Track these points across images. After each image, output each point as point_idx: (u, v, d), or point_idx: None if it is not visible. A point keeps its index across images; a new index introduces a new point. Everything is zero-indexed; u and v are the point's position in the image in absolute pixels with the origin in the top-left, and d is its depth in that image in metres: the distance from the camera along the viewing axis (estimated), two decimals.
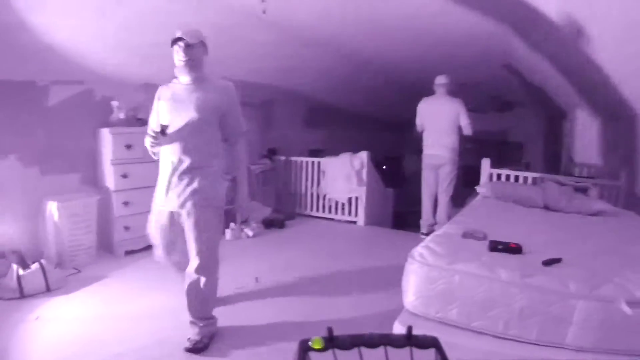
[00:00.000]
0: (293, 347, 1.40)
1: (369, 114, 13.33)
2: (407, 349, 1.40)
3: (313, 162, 9.22)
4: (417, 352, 1.40)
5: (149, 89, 6.72)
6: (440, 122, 7.30)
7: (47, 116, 5.97)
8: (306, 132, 11.21)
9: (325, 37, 7.02)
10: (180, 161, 3.83)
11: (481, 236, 3.63)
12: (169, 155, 3.90)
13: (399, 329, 2.95)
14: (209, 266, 3.89)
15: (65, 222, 5.69)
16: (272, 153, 9.65)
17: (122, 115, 6.34)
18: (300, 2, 5.63)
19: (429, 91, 7.59)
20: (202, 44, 4.04)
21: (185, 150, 3.81)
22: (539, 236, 3.86)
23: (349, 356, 1.42)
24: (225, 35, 6.07)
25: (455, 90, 7.45)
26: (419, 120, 7.61)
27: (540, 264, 3.00)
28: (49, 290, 5.02)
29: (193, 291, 3.89)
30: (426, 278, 3.00)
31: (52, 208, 5.64)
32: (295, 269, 5.91)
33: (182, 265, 4.12)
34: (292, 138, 10.49)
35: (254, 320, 4.44)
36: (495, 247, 3.30)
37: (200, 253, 3.82)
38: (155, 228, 4.22)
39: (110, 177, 6.18)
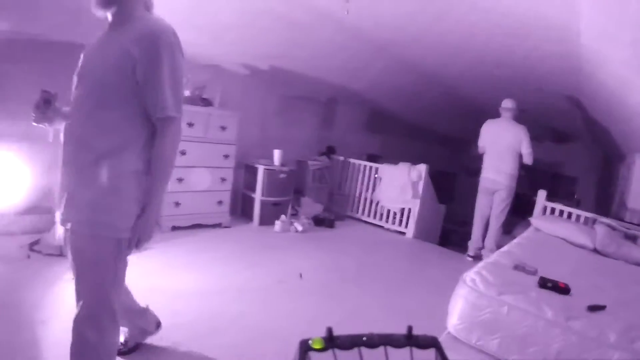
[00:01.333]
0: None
1: (428, 127, 13.26)
2: (407, 349, 1.43)
3: (371, 167, 9.22)
4: (417, 352, 1.43)
5: (216, 71, 6.83)
6: (502, 146, 7.26)
7: None
8: (365, 135, 11.23)
9: (396, 46, 7.05)
10: (65, 152, 2.52)
11: (532, 270, 3.65)
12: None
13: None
14: (95, 316, 2.50)
15: None
16: (330, 151, 9.68)
17: (187, 93, 6.46)
18: (382, 10, 5.65)
19: (491, 112, 7.59)
20: None
21: (70, 135, 2.51)
22: (586, 279, 3.86)
23: (349, 356, 1.46)
24: (297, 29, 6.20)
25: (518, 116, 7.43)
26: (482, 142, 7.58)
27: (585, 308, 3.00)
28: None
29: (74, 354, 2.50)
30: (474, 305, 3.02)
31: None
32: (340, 271, 5.94)
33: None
34: (350, 139, 10.53)
35: (291, 316, 4.45)
36: (545, 284, 3.30)
37: (81, 297, 2.49)
38: None
39: None
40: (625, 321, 2.87)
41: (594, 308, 3.01)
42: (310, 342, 1.40)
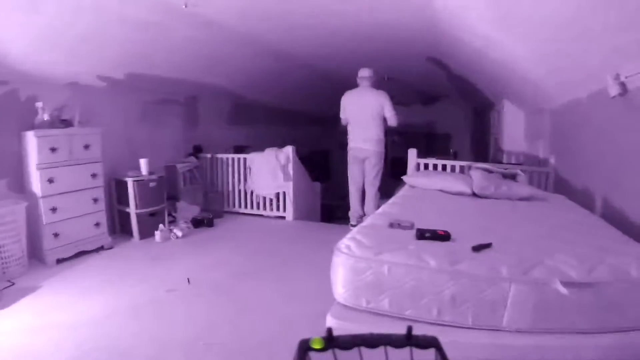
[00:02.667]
0: (229, 347, 1.36)
1: (294, 110, 13.45)
2: (407, 349, 1.41)
3: (239, 159, 9.26)
4: (417, 352, 1.40)
5: (74, 89, 6.62)
6: (364, 115, 7.37)
7: None
8: (231, 128, 11.20)
9: (246, 33, 6.98)
10: None
11: (408, 225, 3.60)
12: None
13: (331, 321, 2.91)
14: None
15: None
16: (197, 151, 9.64)
17: (46, 117, 6.17)
18: None
19: (354, 85, 7.63)
20: None
21: None
22: (468, 223, 3.88)
23: (349, 356, 1.41)
24: (150, 31, 6.04)
25: (380, 84, 7.52)
26: (343, 114, 7.68)
27: (470, 250, 2.99)
28: None
29: None
30: (354, 270, 2.97)
31: None
32: (226, 267, 5.94)
33: None
34: (217, 135, 10.48)
35: (188, 321, 4.43)
36: (423, 235, 3.27)
37: None
38: None
39: (36, 183, 6.00)
40: (515, 254, 2.91)
41: (478, 247, 3.00)
42: (310, 342, 1.39)
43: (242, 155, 9.29)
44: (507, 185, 5.37)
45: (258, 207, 9.13)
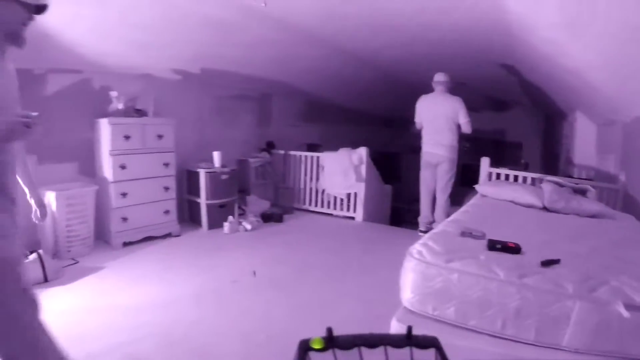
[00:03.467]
0: (285, 342, 1.39)
1: (367, 110, 13.37)
2: (407, 349, 1.41)
3: (312, 157, 9.25)
4: (417, 352, 1.41)
5: (148, 80, 6.74)
6: (438, 120, 7.28)
7: (44, 105, 5.92)
8: (303, 126, 11.21)
9: (323, 34, 6.99)
10: None
11: (479, 235, 3.61)
12: None
13: (396, 326, 2.93)
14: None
15: (63, 212, 5.72)
16: (270, 147, 9.66)
17: (120, 106, 6.36)
18: None
19: (428, 89, 7.57)
20: None
21: None
22: (537, 236, 3.84)
23: (349, 356, 1.41)
24: (225, 28, 6.12)
25: (454, 89, 7.45)
26: (418, 118, 7.59)
27: (538, 264, 2.97)
28: (46, 280, 5.03)
29: None
30: (424, 276, 2.97)
31: (50, 197, 5.64)
32: (292, 263, 5.94)
33: None
34: (289, 132, 10.52)
35: (248, 314, 4.45)
36: (494, 246, 3.28)
37: None
38: None
39: (108, 168, 6.17)
40: (581, 272, 2.87)
41: (547, 263, 2.98)
42: (310, 342, 1.41)
43: (315, 154, 9.29)
44: (577, 200, 5.30)
45: (328, 206, 9.15)
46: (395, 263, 3.27)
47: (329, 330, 1.41)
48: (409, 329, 1.42)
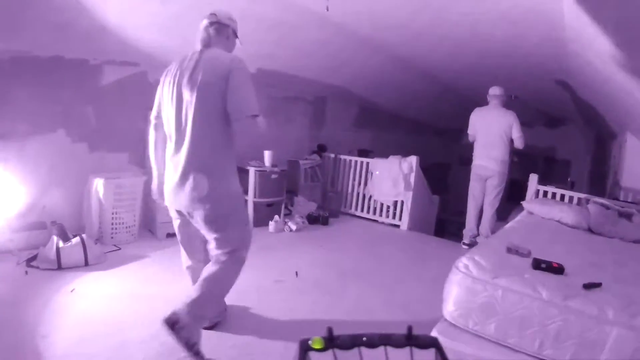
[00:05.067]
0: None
1: (418, 119, 13.34)
2: (407, 349, 1.42)
3: (362, 162, 9.23)
4: (417, 352, 1.43)
5: None
6: (492, 133, 7.25)
7: (98, 95, 6.16)
8: (355, 131, 11.23)
9: (375, 39, 7.05)
10: None
11: (525, 253, 3.64)
12: None
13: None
14: (241, 254, 3.81)
15: (109, 199, 5.86)
16: (321, 149, 9.70)
17: None
18: (365, 4, 5.67)
19: (482, 101, 7.56)
20: None
21: None
22: (580, 258, 3.85)
23: (349, 356, 1.44)
24: (281, 30, 6.24)
25: (508, 104, 7.43)
26: (471, 130, 7.57)
27: (581, 286, 2.99)
28: (87, 264, 5.17)
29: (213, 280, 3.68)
30: (468, 290, 3.02)
31: (98, 184, 5.80)
32: (336, 267, 5.94)
33: None
34: (341, 136, 10.56)
35: (291, 314, 4.46)
36: (539, 265, 3.30)
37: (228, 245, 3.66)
38: None
39: None
40: (623, 297, 2.87)
41: (589, 286, 3.00)
42: (310, 342, 1.39)
43: (365, 159, 9.26)
44: (622, 225, 5.28)
45: (374, 212, 9.11)
46: (436, 273, 3.30)
47: (329, 330, 1.41)
48: (409, 328, 1.44)
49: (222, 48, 3.72)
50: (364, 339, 1.40)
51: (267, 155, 7.84)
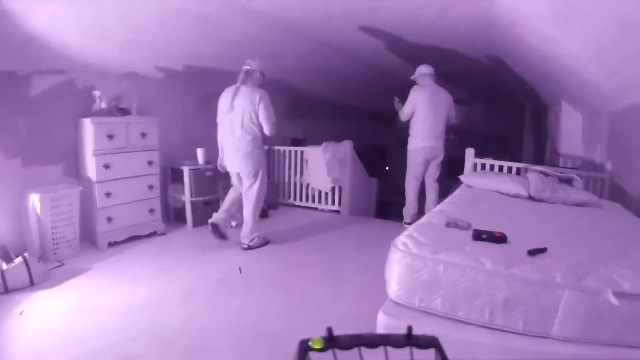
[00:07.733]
0: (276, 339, 1.35)
1: (352, 105, 13.42)
2: (407, 349, 1.39)
3: (296, 152, 9.28)
4: (417, 352, 1.38)
5: (132, 78, 6.69)
6: (438, 112, 7.26)
7: (28, 107, 5.95)
8: (288, 121, 11.16)
9: (307, 28, 6.99)
10: None
11: (465, 225, 3.58)
12: None
13: (382, 318, 2.92)
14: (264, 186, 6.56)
15: (47, 214, 5.68)
16: None
17: (103, 105, 6.34)
18: None
19: (411, 82, 7.52)
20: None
21: None
22: (523, 226, 3.84)
23: (349, 356, 1.41)
24: (206, 24, 6.11)
25: (439, 82, 7.41)
26: (409, 109, 7.41)
27: (525, 253, 2.95)
28: (32, 284, 4.99)
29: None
30: (409, 267, 2.94)
31: (35, 200, 5.61)
32: (279, 259, 5.95)
33: None
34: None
35: (238, 312, 4.41)
36: (479, 236, 3.24)
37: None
38: None
39: (92, 168, 6.12)
40: (569, 261, 2.85)
41: (534, 252, 2.96)
42: (310, 342, 1.37)
43: (299, 148, 9.31)
44: (563, 189, 5.29)
45: (313, 200, 9.13)
46: (381, 256, 3.25)
47: (329, 330, 1.38)
48: (409, 329, 1.39)
49: (254, 83, 6.44)
50: (364, 339, 1.40)
51: (199, 152, 7.80)
